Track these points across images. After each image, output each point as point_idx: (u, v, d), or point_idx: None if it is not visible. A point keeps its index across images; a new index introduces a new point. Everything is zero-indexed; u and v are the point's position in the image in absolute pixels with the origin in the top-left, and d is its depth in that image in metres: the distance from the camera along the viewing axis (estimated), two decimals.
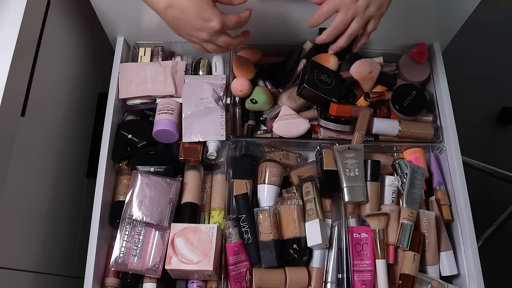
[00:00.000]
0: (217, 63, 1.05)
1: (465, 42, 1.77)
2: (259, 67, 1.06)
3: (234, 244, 0.84)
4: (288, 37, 1.03)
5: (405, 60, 1.03)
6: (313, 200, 0.86)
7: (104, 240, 0.87)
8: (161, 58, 1.03)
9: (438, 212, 0.90)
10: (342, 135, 0.96)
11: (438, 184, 0.94)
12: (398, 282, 0.82)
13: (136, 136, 0.94)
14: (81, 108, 1.12)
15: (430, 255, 0.86)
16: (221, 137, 0.94)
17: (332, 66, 1.01)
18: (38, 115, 0.91)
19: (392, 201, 0.89)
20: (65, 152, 1.03)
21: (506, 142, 1.75)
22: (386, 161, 0.94)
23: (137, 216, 0.85)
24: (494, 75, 1.86)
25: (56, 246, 0.99)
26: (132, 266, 0.82)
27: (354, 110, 0.95)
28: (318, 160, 0.92)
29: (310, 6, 0.95)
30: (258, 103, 0.99)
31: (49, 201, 0.96)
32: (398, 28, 1.00)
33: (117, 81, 0.98)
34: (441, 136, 0.97)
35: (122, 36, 1.03)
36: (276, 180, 0.91)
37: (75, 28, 1.07)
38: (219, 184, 0.93)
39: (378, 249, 0.83)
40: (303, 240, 0.84)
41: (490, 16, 1.97)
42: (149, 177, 0.88)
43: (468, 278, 0.84)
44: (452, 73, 1.09)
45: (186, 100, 0.97)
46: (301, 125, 0.97)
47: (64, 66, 1.04)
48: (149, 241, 0.84)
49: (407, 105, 0.96)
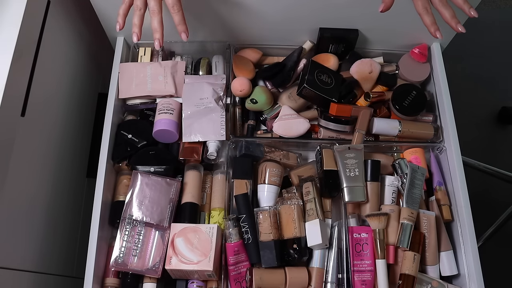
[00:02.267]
0: (217, 63, 1.05)
1: (465, 42, 1.78)
2: (259, 67, 1.06)
3: (234, 244, 0.84)
4: (288, 37, 1.03)
5: (405, 60, 1.03)
6: (313, 200, 0.86)
7: (104, 240, 0.87)
8: (161, 58, 1.03)
9: (438, 212, 0.90)
10: (342, 135, 0.96)
11: (438, 184, 0.94)
12: (398, 282, 0.82)
13: (136, 136, 0.94)
14: (81, 108, 1.12)
15: (430, 255, 0.86)
16: (221, 137, 0.94)
17: (332, 66, 1.01)
18: (38, 115, 0.91)
19: (392, 201, 0.89)
20: (65, 152, 1.03)
21: (506, 142, 1.75)
22: (386, 161, 0.94)
23: (137, 216, 0.85)
24: (494, 75, 1.86)
25: (56, 246, 0.99)
26: (132, 266, 0.82)
27: (354, 110, 0.95)
28: (318, 160, 0.92)
29: (310, 6, 0.95)
30: (258, 103, 0.99)
31: (49, 201, 0.96)
32: (398, 28, 1.00)
33: (117, 81, 0.98)
34: (441, 136, 0.97)
35: (122, 36, 1.03)
36: (276, 180, 0.91)
37: (75, 28, 1.07)
38: (219, 184, 0.93)
39: (378, 249, 0.83)
40: (303, 240, 0.84)
41: (490, 16, 1.97)
42: (149, 177, 0.88)
43: (468, 278, 0.84)
44: (452, 73, 1.09)
45: (186, 100, 0.97)
46: (301, 125, 0.97)
47: (64, 66, 1.04)
48: (149, 241, 0.84)
49: (407, 105, 0.96)
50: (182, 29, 0.79)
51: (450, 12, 0.74)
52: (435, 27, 0.75)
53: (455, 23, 0.74)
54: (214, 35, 1.03)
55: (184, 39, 0.79)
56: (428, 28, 0.75)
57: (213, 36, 1.04)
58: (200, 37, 1.04)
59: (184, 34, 0.79)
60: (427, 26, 0.75)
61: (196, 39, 1.04)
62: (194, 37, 1.04)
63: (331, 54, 1.03)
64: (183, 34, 0.79)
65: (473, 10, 0.74)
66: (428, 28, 0.75)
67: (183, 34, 0.79)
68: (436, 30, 0.75)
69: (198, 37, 1.04)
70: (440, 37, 0.75)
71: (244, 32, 1.02)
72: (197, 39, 1.04)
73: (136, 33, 0.78)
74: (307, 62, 0.98)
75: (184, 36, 0.79)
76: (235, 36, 1.03)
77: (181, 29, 0.79)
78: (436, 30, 0.75)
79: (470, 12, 0.74)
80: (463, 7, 0.75)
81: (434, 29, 0.75)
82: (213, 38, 1.04)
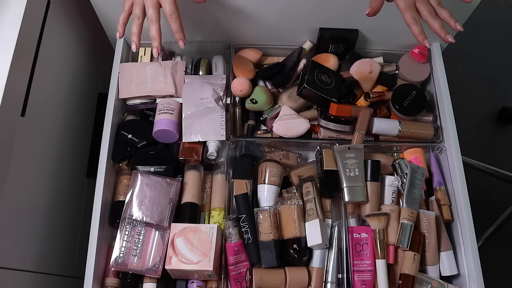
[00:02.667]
0: (217, 63, 1.05)
1: (465, 42, 1.78)
2: (259, 67, 1.06)
3: (234, 244, 0.84)
4: (288, 37, 1.03)
5: (405, 60, 1.03)
6: (313, 200, 0.86)
7: (104, 240, 0.87)
8: (161, 58, 1.03)
9: (438, 212, 0.90)
10: (342, 135, 0.96)
11: (438, 184, 0.94)
12: (398, 282, 0.82)
13: (136, 136, 0.94)
14: (81, 108, 1.12)
15: (430, 255, 0.86)
16: (221, 137, 0.94)
17: (332, 66, 1.01)
18: (38, 115, 0.91)
19: (392, 201, 0.89)
20: (65, 152, 1.03)
21: (506, 142, 1.75)
22: (386, 161, 0.94)
23: (137, 216, 0.85)
24: (494, 75, 1.86)
25: (56, 246, 0.99)
26: (132, 266, 0.82)
27: (354, 110, 0.95)
28: (318, 160, 0.92)
29: (310, 6, 0.95)
30: (258, 103, 0.99)
31: (49, 201, 0.96)
32: (398, 28, 0.99)
33: (117, 81, 0.98)
34: (441, 136, 0.97)
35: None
36: (276, 180, 0.91)
37: (75, 28, 1.07)
38: (219, 184, 0.93)
39: (378, 249, 0.83)
40: (303, 240, 0.84)
41: (490, 16, 1.97)
42: (149, 177, 0.88)
43: (468, 278, 0.84)
44: (452, 73, 1.09)
45: (186, 100, 0.97)
46: (301, 125, 0.97)
47: (64, 66, 1.04)
48: (149, 241, 0.84)
49: (407, 105, 0.96)
50: (180, 37, 0.81)
51: (439, 23, 0.78)
52: (423, 36, 0.78)
53: (444, 33, 0.78)
54: (214, 35, 1.03)
55: (181, 47, 0.82)
56: (416, 37, 0.78)
57: (213, 36, 1.04)
58: (200, 37, 1.04)
59: (182, 42, 0.82)
60: (416, 35, 0.78)
61: (196, 39, 1.04)
62: (194, 37, 1.04)
63: (331, 54, 1.04)
64: (180, 42, 0.82)
65: (459, 24, 0.78)
66: (416, 38, 0.78)
67: (180, 42, 0.82)
68: (424, 39, 0.78)
69: (198, 37, 1.04)
70: (428, 45, 0.79)
71: (244, 32, 1.02)
72: (197, 39, 1.04)
73: (134, 42, 0.82)
74: (307, 62, 0.98)
75: (182, 43, 0.81)
76: (235, 36, 1.03)
77: (179, 37, 0.81)
78: (424, 39, 0.78)
79: (456, 26, 0.78)
80: (448, 21, 0.78)
81: (422, 38, 0.78)
82: (213, 38, 1.04)
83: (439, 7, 0.79)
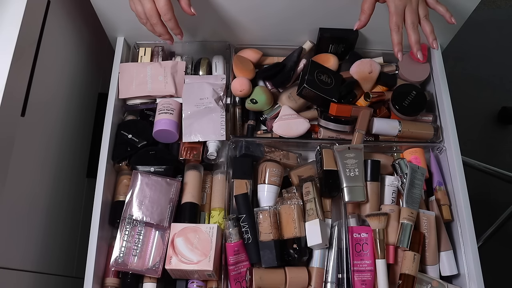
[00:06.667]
0: (217, 63, 1.05)
1: (465, 42, 1.78)
2: (259, 67, 1.06)
3: (234, 244, 0.84)
4: (288, 37, 1.03)
5: (405, 60, 1.03)
6: (313, 200, 0.86)
7: (104, 240, 0.87)
8: (161, 58, 1.03)
9: (438, 212, 0.90)
10: (342, 135, 0.96)
11: (438, 184, 0.94)
12: (398, 282, 0.82)
13: (136, 136, 0.94)
14: (81, 108, 1.12)
15: (430, 255, 0.86)
16: (221, 137, 0.94)
17: (332, 66, 1.01)
18: (38, 115, 0.91)
19: (392, 201, 0.89)
20: (65, 152, 1.03)
21: (506, 142, 1.75)
22: (386, 161, 0.94)
23: (137, 216, 0.85)
24: (494, 75, 1.86)
25: (56, 246, 0.99)
26: (132, 266, 0.82)
27: (354, 110, 0.95)
28: (318, 160, 0.92)
29: (310, 6, 0.95)
30: (258, 103, 0.99)
31: (49, 201, 0.96)
32: None
33: (117, 81, 0.98)
34: (441, 136, 0.97)
35: (122, 36, 1.04)
36: (276, 180, 0.91)
37: (75, 28, 1.07)
38: (219, 184, 0.93)
39: (378, 249, 0.83)
40: (303, 240, 0.84)
41: (490, 16, 1.97)
42: (149, 177, 0.88)
43: (468, 278, 0.84)
44: (452, 73, 1.09)
45: (186, 100, 0.97)
46: (301, 125, 0.97)
47: (64, 66, 1.04)
48: (149, 241, 0.84)
49: (407, 105, 0.96)
50: (177, 33, 0.85)
51: (416, 37, 0.79)
52: (399, 48, 0.79)
53: (416, 49, 0.80)
54: (214, 35, 1.04)
55: (180, 39, 0.87)
56: (393, 45, 0.80)
57: (213, 36, 1.04)
58: (200, 37, 1.04)
59: (180, 36, 0.86)
60: (393, 44, 0.80)
61: (196, 39, 1.04)
62: (194, 37, 1.04)
63: (331, 54, 1.03)
64: (178, 36, 0.86)
65: (436, 43, 0.81)
66: (392, 46, 0.80)
67: (178, 36, 0.86)
68: (399, 51, 0.79)
69: (198, 37, 1.04)
70: (400, 58, 0.80)
71: (244, 32, 1.02)
72: (197, 39, 1.04)
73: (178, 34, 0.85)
74: (307, 62, 0.98)
75: (180, 37, 0.86)
76: (235, 36, 1.03)
77: (176, 33, 0.85)
78: (399, 51, 0.79)
79: (433, 43, 0.81)
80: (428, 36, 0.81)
81: (397, 49, 0.80)
82: (213, 38, 1.04)
83: (425, 20, 0.80)
